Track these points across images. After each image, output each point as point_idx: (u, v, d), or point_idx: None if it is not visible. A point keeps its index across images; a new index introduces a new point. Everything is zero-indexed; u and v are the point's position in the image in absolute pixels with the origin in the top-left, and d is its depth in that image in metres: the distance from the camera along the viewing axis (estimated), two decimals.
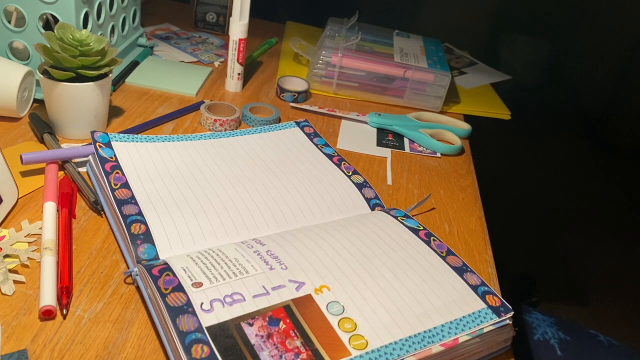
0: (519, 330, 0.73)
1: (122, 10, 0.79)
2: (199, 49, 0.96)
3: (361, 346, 0.38)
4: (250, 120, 0.74)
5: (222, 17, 1.05)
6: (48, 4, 0.64)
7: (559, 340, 0.69)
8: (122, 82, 0.79)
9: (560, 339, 0.70)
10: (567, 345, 0.69)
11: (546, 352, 0.68)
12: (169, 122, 0.72)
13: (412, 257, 0.48)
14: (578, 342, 0.69)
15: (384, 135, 0.78)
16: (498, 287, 0.53)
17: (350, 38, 0.88)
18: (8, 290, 0.42)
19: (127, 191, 0.51)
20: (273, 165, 0.60)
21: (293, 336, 0.38)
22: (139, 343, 0.41)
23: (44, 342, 0.39)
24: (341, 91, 0.88)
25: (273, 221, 0.52)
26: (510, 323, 0.43)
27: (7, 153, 0.58)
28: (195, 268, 0.43)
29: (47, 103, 0.63)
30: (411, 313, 0.42)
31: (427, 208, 0.64)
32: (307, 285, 0.43)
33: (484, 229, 0.62)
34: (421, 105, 0.88)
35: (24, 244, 0.47)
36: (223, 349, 0.36)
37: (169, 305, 0.39)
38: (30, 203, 0.53)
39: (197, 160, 0.58)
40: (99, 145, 0.56)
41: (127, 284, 0.46)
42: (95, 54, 0.61)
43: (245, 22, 0.79)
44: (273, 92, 0.86)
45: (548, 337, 0.69)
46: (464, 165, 0.75)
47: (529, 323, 0.73)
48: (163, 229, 0.48)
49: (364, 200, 0.58)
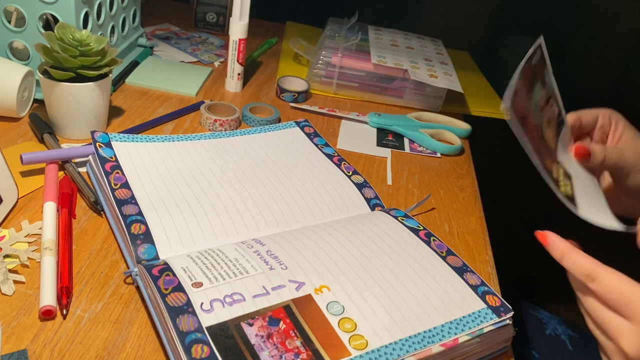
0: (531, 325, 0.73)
1: (122, 10, 0.79)
2: (199, 49, 0.96)
3: (361, 346, 0.38)
4: (250, 120, 0.74)
5: (222, 17, 1.05)
6: (48, 4, 0.64)
7: (569, 337, 0.70)
8: (122, 82, 0.79)
9: (570, 336, 0.70)
10: (577, 342, 0.69)
11: (558, 347, 0.68)
12: (169, 122, 0.72)
13: (412, 257, 0.48)
14: (587, 341, 0.70)
15: (384, 136, 0.78)
16: (498, 287, 0.53)
17: (350, 38, 0.88)
18: (8, 290, 0.42)
19: (127, 191, 0.51)
20: (273, 165, 0.60)
21: (293, 336, 0.38)
22: (139, 343, 0.41)
23: (44, 342, 0.39)
24: (341, 91, 0.88)
25: (273, 221, 0.52)
26: (510, 323, 0.43)
27: (7, 153, 0.58)
28: (195, 268, 0.43)
29: (47, 103, 0.63)
30: (411, 313, 0.42)
31: (427, 208, 0.64)
32: (307, 285, 0.43)
33: (484, 229, 0.62)
34: (421, 105, 0.88)
35: (24, 244, 0.47)
36: (223, 349, 0.36)
37: (169, 305, 0.39)
38: (30, 203, 0.53)
39: (197, 160, 0.58)
40: (99, 145, 0.56)
41: (127, 284, 0.46)
42: (95, 54, 0.61)
43: (245, 22, 0.79)
44: (273, 92, 0.86)
45: (559, 333, 0.70)
46: (464, 165, 0.75)
47: (539, 319, 0.73)
48: (163, 229, 0.48)
49: (364, 200, 0.58)
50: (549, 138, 0.48)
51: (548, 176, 0.46)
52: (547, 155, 0.47)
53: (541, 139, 0.47)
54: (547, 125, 0.49)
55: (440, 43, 1.03)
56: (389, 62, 0.86)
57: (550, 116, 0.49)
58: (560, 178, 0.47)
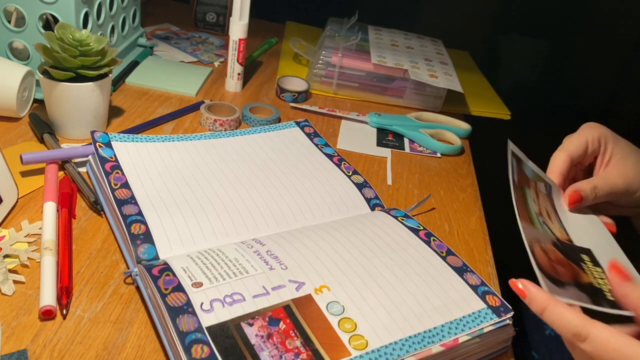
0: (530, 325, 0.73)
1: (122, 10, 0.79)
2: (199, 49, 0.96)
3: (361, 346, 0.38)
4: (250, 120, 0.74)
5: (222, 17, 1.05)
6: (48, 4, 0.64)
7: None
8: (122, 82, 0.79)
9: None
10: None
11: (557, 347, 0.67)
12: (169, 122, 0.72)
13: (412, 257, 0.48)
14: None
15: (384, 136, 0.78)
16: (498, 287, 0.53)
17: (350, 38, 0.88)
18: (8, 290, 0.42)
19: (127, 191, 0.51)
20: (273, 165, 0.60)
21: (293, 336, 0.38)
22: (139, 343, 0.41)
23: (44, 342, 0.39)
24: (341, 91, 0.88)
25: (273, 221, 0.52)
26: (510, 323, 0.43)
27: (7, 153, 0.58)
28: (195, 268, 0.43)
29: (47, 103, 0.63)
30: (411, 313, 0.42)
31: (427, 208, 0.64)
32: (307, 285, 0.43)
33: (484, 229, 0.62)
34: (421, 105, 0.88)
35: (24, 244, 0.47)
36: (223, 349, 0.36)
37: (169, 305, 0.39)
38: (30, 203, 0.53)
39: (197, 160, 0.58)
40: (99, 145, 0.56)
41: (127, 284, 0.46)
42: (95, 54, 0.61)
43: (245, 22, 0.79)
44: (273, 92, 0.86)
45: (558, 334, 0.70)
46: (464, 165, 0.75)
47: (538, 319, 0.73)
48: (163, 229, 0.48)
49: (364, 200, 0.58)
50: (558, 232, 0.48)
51: (592, 297, 0.42)
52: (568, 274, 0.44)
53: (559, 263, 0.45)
54: (548, 217, 0.48)
55: (440, 43, 1.03)
56: (389, 62, 0.86)
57: (545, 205, 0.49)
58: (595, 277, 0.43)
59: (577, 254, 0.45)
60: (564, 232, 0.47)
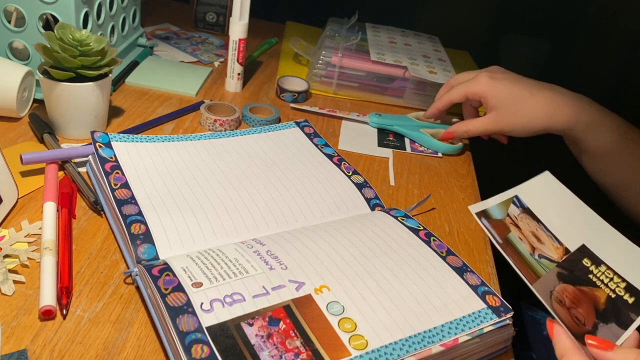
0: (528, 325, 0.73)
1: (122, 10, 0.79)
2: (198, 49, 0.96)
3: (361, 346, 0.38)
4: (250, 120, 0.74)
5: (222, 17, 1.05)
6: (48, 4, 0.64)
7: None
8: (122, 82, 0.79)
9: None
10: None
11: None
12: (169, 122, 0.72)
13: (412, 257, 0.48)
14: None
15: (385, 136, 0.78)
16: (498, 287, 0.53)
17: (350, 38, 0.88)
18: (8, 290, 0.42)
19: (127, 191, 0.51)
20: (273, 165, 0.60)
21: (293, 336, 0.38)
22: (139, 343, 0.41)
23: (44, 342, 0.39)
24: (341, 91, 0.88)
25: (273, 221, 0.52)
26: (510, 323, 0.43)
27: (7, 153, 0.58)
28: (195, 268, 0.43)
29: (47, 103, 0.63)
30: (411, 313, 0.42)
31: (427, 208, 0.64)
32: (307, 285, 0.43)
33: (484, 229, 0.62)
34: (421, 105, 0.88)
35: (24, 244, 0.47)
36: (223, 349, 0.36)
37: (169, 305, 0.39)
38: (30, 203, 0.53)
39: (197, 161, 0.58)
40: (99, 145, 0.56)
41: (127, 284, 0.46)
42: (95, 54, 0.61)
43: (245, 22, 0.79)
44: (273, 92, 0.86)
45: None
46: (464, 165, 0.75)
47: (537, 320, 0.73)
48: (163, 229, 0.48)
49: (364, 200, 0.58)
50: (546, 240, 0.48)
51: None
52: None
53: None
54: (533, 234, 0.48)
55: (438, 40, 1.03)
56: (388, 59, 0.86)
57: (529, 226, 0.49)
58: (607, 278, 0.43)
59: (579, 266, 0.45)
60: (555, 242, 0.47)
